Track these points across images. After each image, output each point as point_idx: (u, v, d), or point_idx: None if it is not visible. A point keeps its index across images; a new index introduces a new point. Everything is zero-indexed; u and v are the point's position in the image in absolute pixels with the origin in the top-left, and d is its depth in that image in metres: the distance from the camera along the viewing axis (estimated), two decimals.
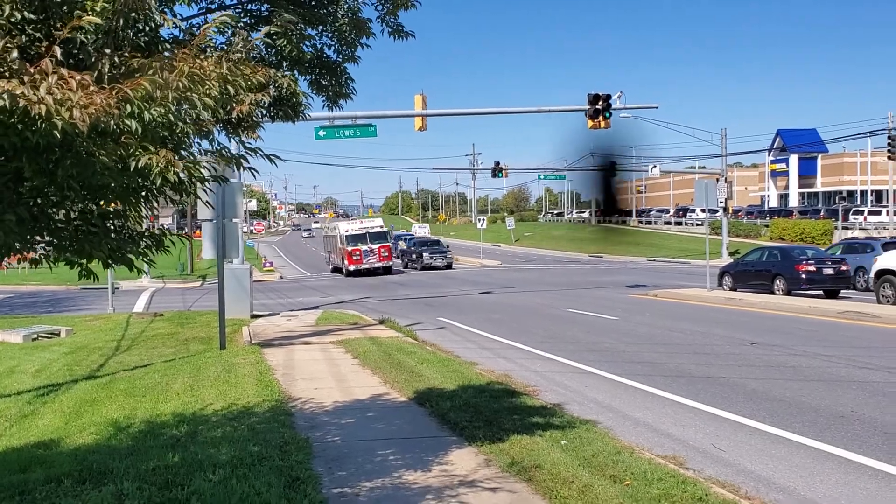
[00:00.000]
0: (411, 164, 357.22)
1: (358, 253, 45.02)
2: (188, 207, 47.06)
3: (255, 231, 66.67)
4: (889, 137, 43.50)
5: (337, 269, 49.64)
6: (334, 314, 21.59)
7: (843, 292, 25.95)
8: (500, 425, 7.96)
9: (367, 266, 44.99)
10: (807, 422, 8.82)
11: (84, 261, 4.53)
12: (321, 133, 26.41)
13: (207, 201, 5.55)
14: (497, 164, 56.06)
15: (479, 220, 71.28)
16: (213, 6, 5.51)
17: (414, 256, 52.32)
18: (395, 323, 18.74)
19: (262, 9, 5.62)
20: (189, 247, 49.09)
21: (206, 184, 4.51)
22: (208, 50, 4.65)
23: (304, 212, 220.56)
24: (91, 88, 3.10)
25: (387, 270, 46.26)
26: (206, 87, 3.65)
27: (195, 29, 5.22)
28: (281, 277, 48.52)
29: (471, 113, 34.24)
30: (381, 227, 47.70)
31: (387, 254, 45.91)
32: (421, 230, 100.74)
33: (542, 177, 76.33)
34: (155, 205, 4.66)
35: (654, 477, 6.31)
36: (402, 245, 57.53)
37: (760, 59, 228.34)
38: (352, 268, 45.03)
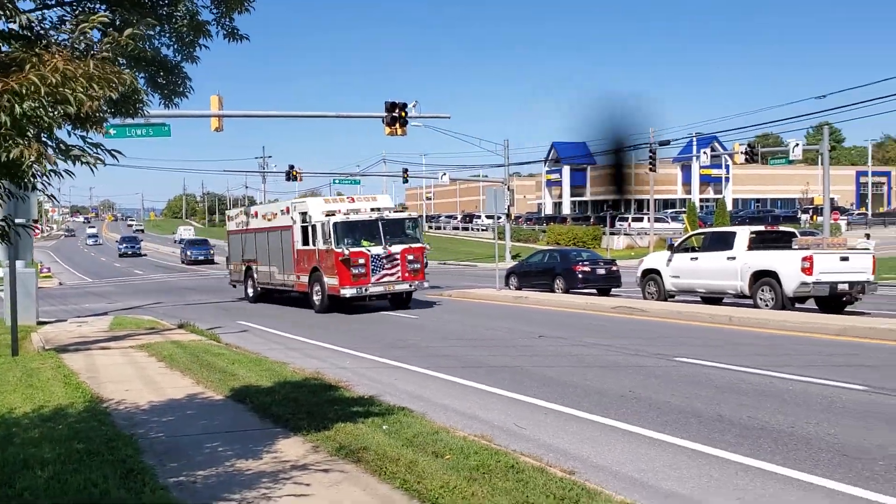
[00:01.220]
0: (199, 166, 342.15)
1: (362, 261, 22.26)
2: None
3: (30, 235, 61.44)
4: (650, 151, 47.94)
5: (269, 292, 27.51)
6: (128, 319, 20.80)
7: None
8: (323, 415, 8.34)
9: (380, 289, 22.68)
10: (593, 402, 9.93)
11: None
12: (111, 132, 25.16)
13: (52, 195, 5.54)
14: (291, 167, 55.79)
15: None
16: (50, 2, 5.51)
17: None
18: (195, 327, 18.45)
19: (101, 8, 5.68)
20: None
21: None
22: (52, 47, 4.72)
23: (79, 214, 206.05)
24: None
25: (408, 298, 23.94)
26: (77, 83, 3.80)
27: (34, 24, 5.24)
28: (60, 283, 45.58)
29: (266, 115, 34.03)
30: (394, 210, 25.41)
31: (418, 265, 23.21)
32: (186, 232, 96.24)
33: (336, 181, 76.49)
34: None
35: (471, 451, 7.00)
36: None
37: (540, 72, 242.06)
38: (348, 291, 22.14)
